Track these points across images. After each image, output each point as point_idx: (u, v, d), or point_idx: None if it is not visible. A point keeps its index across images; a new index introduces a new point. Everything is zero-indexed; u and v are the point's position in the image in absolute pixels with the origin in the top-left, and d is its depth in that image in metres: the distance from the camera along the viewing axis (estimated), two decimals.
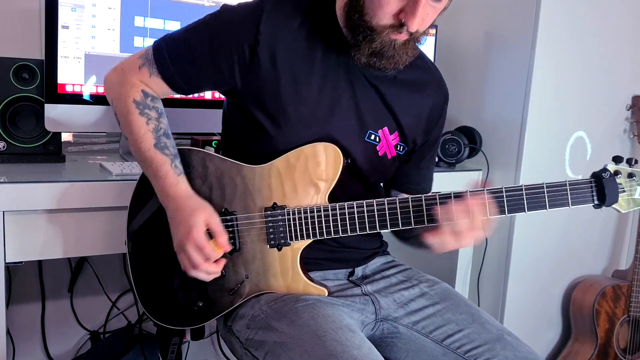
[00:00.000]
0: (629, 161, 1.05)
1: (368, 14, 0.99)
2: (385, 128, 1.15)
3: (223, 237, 1.03)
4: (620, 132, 2.04)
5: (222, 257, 1.05)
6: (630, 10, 1.97)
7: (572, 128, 1.94)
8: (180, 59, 1.08)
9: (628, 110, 2.03)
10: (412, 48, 1.04)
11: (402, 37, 1.01)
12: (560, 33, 1.84)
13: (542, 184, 1.02)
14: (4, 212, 1.17)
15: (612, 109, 2.01)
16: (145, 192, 1.13)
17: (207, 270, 1.03)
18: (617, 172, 1.03)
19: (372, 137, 1.14)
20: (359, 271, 1.20)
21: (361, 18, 1.00)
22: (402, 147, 1.18)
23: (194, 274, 1.04)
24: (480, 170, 1.91)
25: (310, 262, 1.11)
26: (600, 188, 1.02)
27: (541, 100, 1.84)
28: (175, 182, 1.05)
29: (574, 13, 1.86)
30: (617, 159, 1.04)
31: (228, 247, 1.05)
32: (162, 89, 1.11)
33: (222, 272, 1.09)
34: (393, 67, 1.05)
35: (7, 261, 1.20)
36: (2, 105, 1.36)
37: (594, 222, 2.08)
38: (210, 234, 1.03)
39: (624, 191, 1.03)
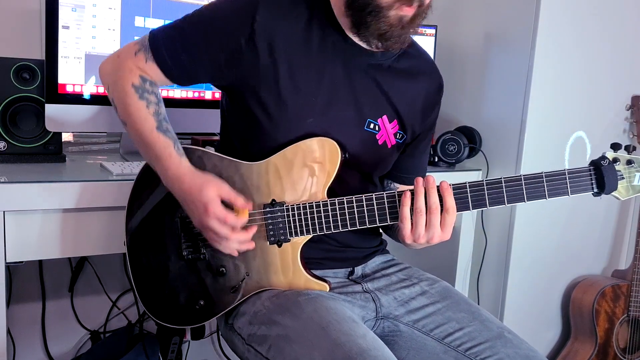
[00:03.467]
0: (627, 148, 1.03)
1: None
2: (385, 116, 1.15)
3: (240, 200, 1.03)
4: (620, 132, 2.04)
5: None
6: (629, 11, 1.97)
7: (571, 128, 1.94)
8: (175, 47, 1.07)
9: (628, 110, 2.03)
10: (417, 24, 1.04)
11: (411, 10, 1.01)
12: (559, 33, 1.84)
13: (541, 173, 1.01)
14: (4, 212, 1.17)
15: (611, 109, 2.02)
16: (143, 190, 1.13)
17: (238, 239, 1.03)
18: (615, 160, 1.01)
19: (372, 125, 1.14)
20: (358, 270, 1.20)
21: None
22: (400, 136, 1.18)
23: (225, 248, 1.04)
24: (480, 170, 1.91)
25: (309, 261, 1.11)
26: (600, 176, 1.01)
27: (541, 100, 1.84)
28: (178, 162, 1.05)
29: (574, 13, 1.86)
30: (615, 146, 1.02)
31: (250, 205, 1.04)
32: (158, 76, 1.10)
33: (222, 270, 1.09)
34: (399, 47, 1.06)
35: (7, 261, 1.20)
36: (2, 105, 1.36)
37: (594, 222, 2.09)
38: (226, 205, 1.03)
39: (622, 178, 1.02)
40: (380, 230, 1.28)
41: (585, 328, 2.02)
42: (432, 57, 1.89)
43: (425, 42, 1.89)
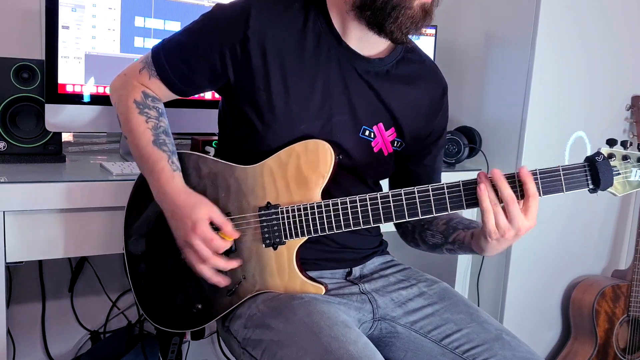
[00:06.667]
0: (623, 144, 1.00)
1: None
2: (381, 124, 1.14)
3: (228, 226, 1.04)
4: (620, 132, 2.04)
5: (231, 256, 1.06)
6: (629, 11, 1.97)
7: (571, 128, 1.94)
8: (175, 58, 1.10)
9: (628, 110, 2.03)
10: (433, 12, 1.04)
11: None
12: (560, 33, 1.84)
13: (536, 170, 0.99)
14: (4, 212, 1.17)
15: (611, 109, 2.02)
16: (142, 195, 1.13)
17: (217, 264, 1.03)
18: (611, 155, 0.99)
19: (367, 133, 1.13)
20: (356, 271, 1.20)
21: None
22: (399, 143, 1.17)
23: (202, 269, 1.04)
24: (480, 170, 1.90)
25: (307, 262, 1.11)
26: (594, 172, 0.98)
27: (541, 100, 1.84)
28: (170, 177, 1.05)
29: (574, 13, 1.86)
30: (611, 142, 1.00)
31: (236, 234, 1.05)
32: (162, 91, 1.13)
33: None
34: (411, 36, 1.06)
35: (7, 261, 1.20)
36: (2, 105, 1.36)
37: (594, 222, 2.09)
38: (214, 228, 1.03)
39: (619, 174, 0.99)
40: (382, 231, 1.28)
41: (585, 328, 2.02)
42: (432, 58, 1.89)
43: (425, 42, 1.89)
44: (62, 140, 1.46)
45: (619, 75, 2.00)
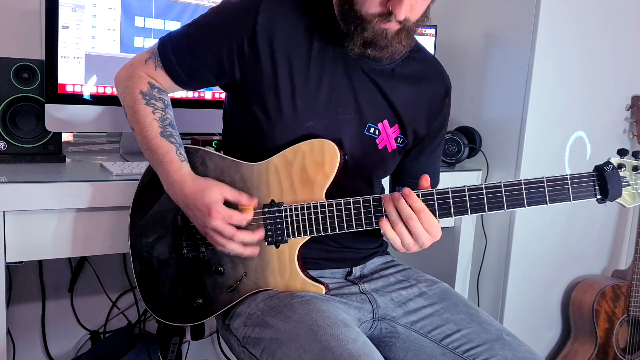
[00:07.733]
0: (635, 154, 0.99)
1: (357, 4, 1.00)
2: (385, 121, 1.15)
3: (244, 197, 1.05)
4: (620, 132, 2.04)
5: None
6: (629, 11, 1.97)
7: (571, 128, 1.94)
8: (181, 51, 1.10)
9: (628, 110, 2.03)
10: (406, 37, 1.04)
11: (393, 26, 1.00)
12: (560, 33, 1.84)
13: (542, 178, 0.99)
14: (4, 212, 1.17)
15: (611, 109, 2.01)
16: (149, 189, 1.14)
17: (243, 238, 1.04)
18: (620, 165, 0.98)
19: (372, 130, 1.14)
20: (356, 271, 1.20)
21: (351, 8, 1.01)
22: (401, 140, 1.18)
23: (232, 248, 1.04)
24: (480, 170, 1.91)
25: (307, 261, 1.12)
26: (603, 182, 0.98)
27: (541, 100, 1.84)
28: (179, 167, 1.07)
29: (574, 13, 1.86)
30: (621, 152, 0.99)
31: (254, 200, 1.06)
32: (167, 82, 1.13)
33: (221, 269, 1.10)
34: (388, 56, 1.05)
35: (7, 261, 1.20)
36: (2, 105, 1.36)
37: (594, 222, 2.09)
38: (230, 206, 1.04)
39: (628, 185, 0.98)
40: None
41: (585, 328, 2.02)
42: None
43: (425, 42, 1.89)
44: (62, 140, 1.46)
45: (619, 75, 2.00)
